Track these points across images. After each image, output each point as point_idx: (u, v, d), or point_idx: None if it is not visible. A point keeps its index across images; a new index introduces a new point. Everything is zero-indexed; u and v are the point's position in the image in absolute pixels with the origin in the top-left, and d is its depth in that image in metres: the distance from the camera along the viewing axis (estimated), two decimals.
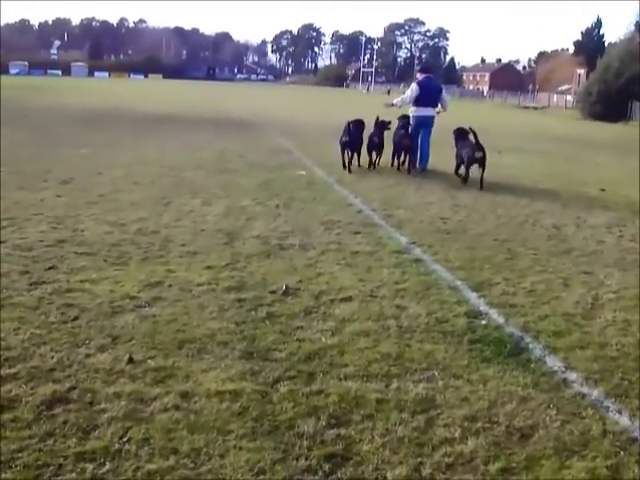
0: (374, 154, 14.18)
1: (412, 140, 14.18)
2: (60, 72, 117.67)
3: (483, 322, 5.37)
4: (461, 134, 13.42)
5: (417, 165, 14.35)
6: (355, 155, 13.87)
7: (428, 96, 14.24)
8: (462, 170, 13.07)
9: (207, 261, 6.62)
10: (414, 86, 14.36)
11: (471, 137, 12.82)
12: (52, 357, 4.33)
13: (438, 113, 14.48)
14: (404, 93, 15.12)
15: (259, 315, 5.25)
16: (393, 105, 14.93)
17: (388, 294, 5.93)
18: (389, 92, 79.13)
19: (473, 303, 5.82)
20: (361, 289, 6.03)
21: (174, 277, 6.09)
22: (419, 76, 14.85)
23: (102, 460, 3.28)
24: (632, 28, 58.58)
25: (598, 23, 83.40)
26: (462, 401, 4.05)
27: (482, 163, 12.55)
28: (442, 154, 14.33)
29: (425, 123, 14.29)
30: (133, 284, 5.82)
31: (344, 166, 13.67)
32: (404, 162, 14.36)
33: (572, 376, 4.48)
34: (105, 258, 6.57)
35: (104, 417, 3.66)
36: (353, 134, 13.71)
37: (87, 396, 3.86)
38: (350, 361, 4.50)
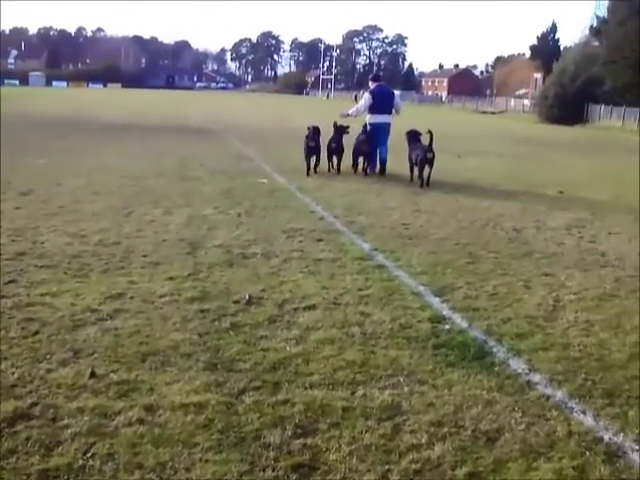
0: (334, 158, 14.51)
1: (370, 145, 14.55)
2: (17, 82, 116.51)
3: (447, 327, 5.38)
4: (413, 136, 13.96)
5: (376, 169, 14.73)
6: (317, 160, 14.18)
7: (382, 103, 14.86)
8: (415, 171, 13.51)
9: (169, 271, 6.56)
10: (367, 95, 15.09)
11: (422, 139, 13.44)
12: (13, 373, 4.25)
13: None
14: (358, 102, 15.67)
15: (223, 325, 5.21)
16: (349, 115, 15.29)
17: (352, 301, 5.93)
18: (356, 98, 79.37)
19: (436, 308, 5.84)
20: (325, 297, 6.02)
21: (136, 288, 6.02)
22: (371, 85, 15.40)
23: (66, 477, 3.22)
24: (587, 32, 59.61)
25: (553, 27, 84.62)
26: (428, 406, 4.05)
27: (431, 163, 13.09)
28: (400, 158, 14.55)
29: (381, 129, 14.82)
30: (94, 296, 5.75)
31: (308, 172, 13.94)
32: (364, 167, 14.65)
33: (536, 378, 4.51)
34: (66, 270, 6.49)
35: (67, 433, 3.60)
36: (316, 140, 14.09)
37: (49, 412, 3.80)
38: (315, 369, 4.49)
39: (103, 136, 21.45)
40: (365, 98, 15.13)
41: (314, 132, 14.25)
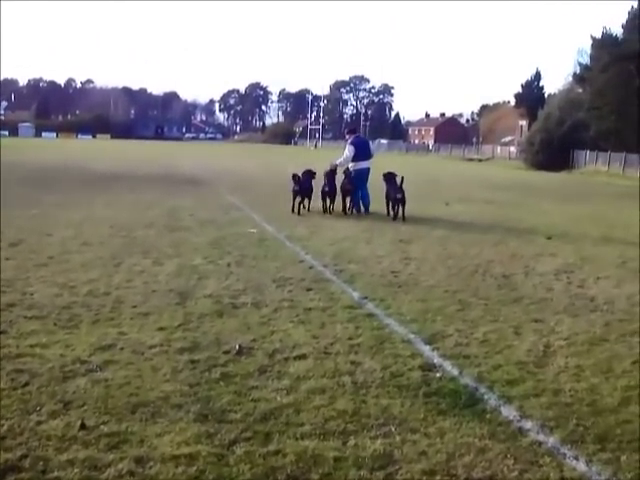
0: (328, 201, 16.33)
1: (353, 188, 16.55)
2: (7, 133, 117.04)
3: (438, 374, 5.38)
4: (389, 178, 16.10)
5: (361, 209, 16.69)
6: (306, 200, 16.11)
7: (362, 151, 17.06)
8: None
9: (159, 322, 6.55)
10: (350, 147, 17.01)
11: (398, 179, 15.70)
12: (2, 425, 4.22)
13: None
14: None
15: (213, 376, 5.19)
16: (337, 166, 16.99)
17: (342, 350, 5.92)
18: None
19: (427, 356, 5.84)
20: (315, 346, 6.01)
21: (126, 339, 6.00)
22: (349, 137, 17.74)
23: None
24: (570, 79, 60.61)
25: (537, 75, 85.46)
26: (420, 455, 4.04)
27: (403, 201, 15.27)
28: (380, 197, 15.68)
29: (363, 174, 16.80)
30: (84, 348, 5.73)
31: (292, 210, 15.58)
32: (350, 207, 16.56)
33: (528, 424, 4.51)
34: (55, 321, 6.46)
35: None
36: (305, 182, 15.96)
37: (39, 464, 3.77)
38: (306, 419, 4.47)
39: (92, 187, 21.50)
40: (349, 149, 16.97)
41: (307, 175, 16.33)
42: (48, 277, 8.32)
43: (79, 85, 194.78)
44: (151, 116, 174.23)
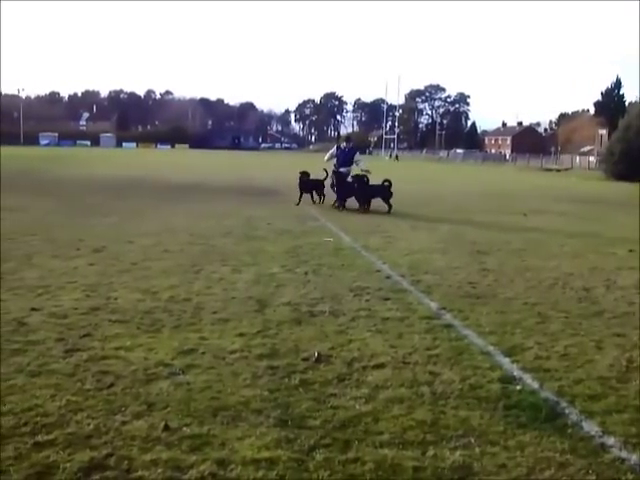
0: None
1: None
2: (89, 143, 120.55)
3: (517, 387, 5.33)
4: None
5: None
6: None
7: None
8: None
9: (239, 328, 6.66)
10: (358, 154, 21.50)
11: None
12: (89, 424, 4.35)
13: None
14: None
15: (292, 382, 5.25)
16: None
17: (420, 360, 5.91)
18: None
19: (506, 368, 5.78)
20: (393, 355, 6.01)
21: (207, 344, 6.12)
22: (347, 145, 21.52)
23: None
24: None
25: (618, 83, 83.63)
26: (500, 468, 4.01)
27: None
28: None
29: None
30: (166, 351, 5.86)
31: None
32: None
33: (610, 440, 4.42)
34: (138, 325, 6.63)
35: None
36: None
37: (124, 463, 3.87)
38: (385, 428, 4.48)
39: (170, 197, 21.91)
40: (359, 156, 21.24)
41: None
42: (130, 283, 8.53)
43: (158, 96, 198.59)
44: (228, 126, 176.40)
